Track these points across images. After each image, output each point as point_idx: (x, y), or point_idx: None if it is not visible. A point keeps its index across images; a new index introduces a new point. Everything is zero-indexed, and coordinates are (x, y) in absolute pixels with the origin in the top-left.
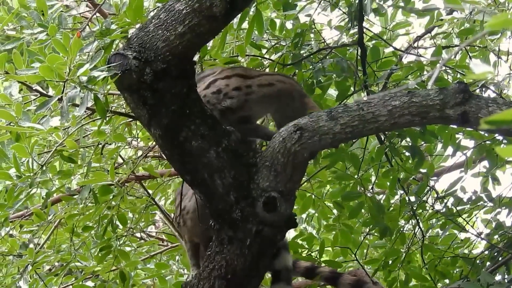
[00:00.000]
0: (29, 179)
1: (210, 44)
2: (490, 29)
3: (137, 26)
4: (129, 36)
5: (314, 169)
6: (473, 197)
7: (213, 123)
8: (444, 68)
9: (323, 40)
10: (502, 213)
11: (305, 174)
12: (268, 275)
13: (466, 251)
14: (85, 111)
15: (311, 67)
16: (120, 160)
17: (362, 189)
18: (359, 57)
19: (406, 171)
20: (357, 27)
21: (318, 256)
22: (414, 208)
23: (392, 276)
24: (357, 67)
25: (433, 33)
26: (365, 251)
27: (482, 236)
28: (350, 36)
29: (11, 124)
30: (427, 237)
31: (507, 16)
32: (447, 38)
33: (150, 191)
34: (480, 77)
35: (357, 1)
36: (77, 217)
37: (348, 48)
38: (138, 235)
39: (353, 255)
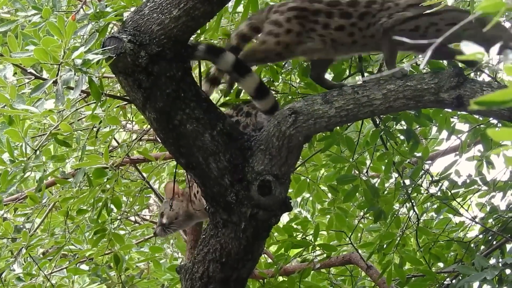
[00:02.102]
0: (22, 164)
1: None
2: (481, 11)
3: (132, 9)
4: (124, 19)
5: (309, 152)
6: (468, 181)
7: (208, 106)
8: None
9: None
10: (497, 196)
11: (300, 157)
12: (262, 259)
13: (460, 234)
14: (79, 94)
15: None
16: (114, 143)
17: (357, 172)
18: None
19: (401, 155)
20: None
21: (312, 240)
22: (409, 191)
23: (387, 259)
24: None
25: None
26: (359, 234)
27: (477, 219)
28: None
29: (5, 106)
30: (421, 220)
31: None
32: None
33: (145, 174)
34: (471, 58)
35: None
36: (71, 200)
37: None
38: (132, 218)
39: (347, 239)
